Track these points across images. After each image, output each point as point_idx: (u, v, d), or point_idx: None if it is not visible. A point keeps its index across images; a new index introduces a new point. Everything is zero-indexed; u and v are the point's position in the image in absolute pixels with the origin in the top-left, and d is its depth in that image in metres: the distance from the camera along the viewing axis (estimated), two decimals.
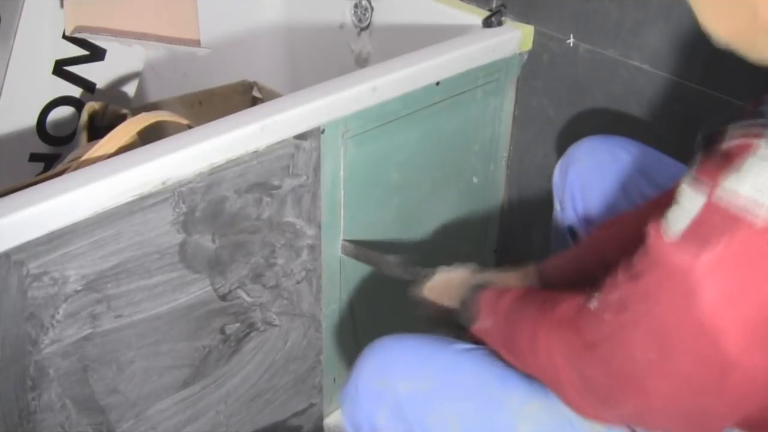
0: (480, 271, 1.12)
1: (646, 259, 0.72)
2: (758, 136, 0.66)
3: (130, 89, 1.58)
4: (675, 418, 0.76)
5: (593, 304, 0.78)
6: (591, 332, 0.78)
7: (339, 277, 1.34)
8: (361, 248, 1.31)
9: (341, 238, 1.32)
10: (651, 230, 0.72)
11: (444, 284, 1.11)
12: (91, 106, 1.36)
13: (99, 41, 1.48)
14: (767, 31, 0.71)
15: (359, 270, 1.35)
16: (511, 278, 1.12)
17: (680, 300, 0.69)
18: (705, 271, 0.67)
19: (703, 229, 0.67)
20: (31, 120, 1.50)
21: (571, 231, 1.21)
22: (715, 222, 0.66)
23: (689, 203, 0.69)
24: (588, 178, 1.17)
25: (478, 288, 1.01)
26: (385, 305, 1.45)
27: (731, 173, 0.66)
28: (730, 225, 0.65)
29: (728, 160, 0.68)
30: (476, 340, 1.00)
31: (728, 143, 0.69)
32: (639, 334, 0.73)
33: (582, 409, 0.82)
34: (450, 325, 1.11)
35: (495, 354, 0.94)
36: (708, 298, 0.67)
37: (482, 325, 0.96)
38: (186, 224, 1.08)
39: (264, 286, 1.22)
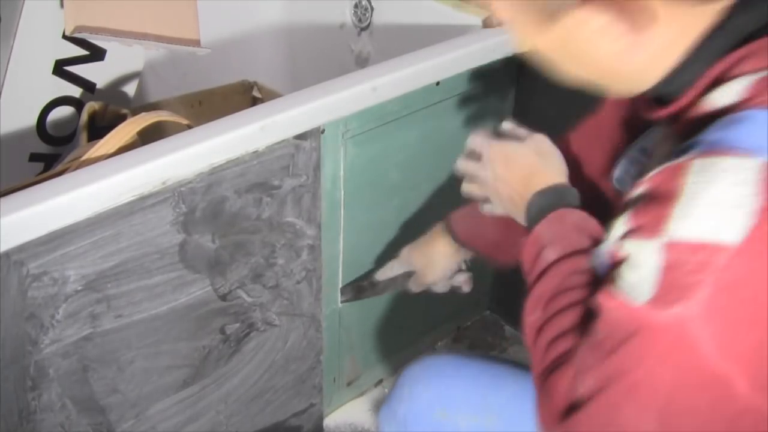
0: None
1: (618, 332, 0.66)
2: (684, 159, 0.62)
3: (130, 89, 1.58)
4: None
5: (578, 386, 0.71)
6: (576, 421, 0.71)
7: (339, 277, 1.34)
8: (359, 286, 1.32)
9: (339, 287, 1.34)
10: (609, 302, 0.66)
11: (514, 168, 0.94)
12: (91, 106, 1.35)
13: (99, 41, 1.48)
14: (614, 74, 0.71)
15: (359, 271, 1.35)
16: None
17: (681, 358, 0.63)
18: (700, 319, 0.60)
19: (678, 276, 0.61)
20: (31, 120, 1.49)
21: None
22: (687, 263, 0.60)
23: (644, 257, 0.63)
24: None
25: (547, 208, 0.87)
26: (385, 305, 1.45)
27: (675, 207, 0.61)
28: (705, 260, 0.59)
29: (662, 195, 0.62)
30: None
31: (650, 177, 0.64)
32: (630, 408, 0.67)
33: None
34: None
35: None
36: (711, 346, 0.61)
37: (538, 258, 0.84)
38: (186, 224, 1.08)
39: (264, 286, 1.22)
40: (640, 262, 0.63)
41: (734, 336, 0.61)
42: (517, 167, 0.92)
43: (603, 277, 0.70)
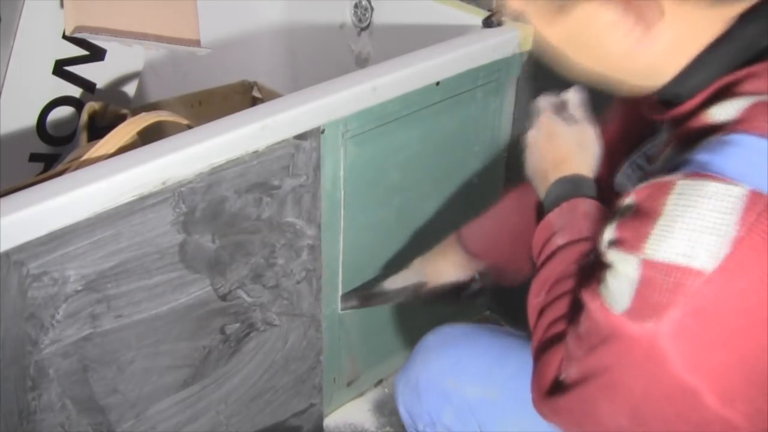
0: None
1: (598, 332, 0.69)
2: (670, 179, 0.63)
3: (130, 89, 1.58)
4: None
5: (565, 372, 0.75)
6: (559, 404, 0.77)
7: (339, 277, 1.34)
8: (366, 294, 1.32)
9: (339, 293, 1.33)
10: (593, 302, 0.69)
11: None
12: (91, 106, 1.36)
13: (99, 41, 1.48)
14: (624, 69, 0.72)
15: (360, 271, 1.35)
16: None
17: (651, 369, 0.66)
18: (670, 336, 0.63)
19: (652, 294, 0.63)
20: (31, 120, 1.50)
21: None
22: (661, 283, 0.62)
23: (625, 269, 0.65)
24: None
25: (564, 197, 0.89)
26: (385, 306, 1.45)
27: (655, 226, 0.62)
28: (677, 282, 0.61)
29: (645, 212, 0.64)
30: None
31: (639, 190, 0.66)
32: (606, 404, 0.71)
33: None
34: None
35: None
36: (680, 361, 0.64)
37: (549, 240, 0.87)
38: (186, 224, 1.08)
39: (264, 286, 1.22)
40: (621, 274, 0.66)
41: (702, 355, 0.64)
42: (554, 147, 0.94)
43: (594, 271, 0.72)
